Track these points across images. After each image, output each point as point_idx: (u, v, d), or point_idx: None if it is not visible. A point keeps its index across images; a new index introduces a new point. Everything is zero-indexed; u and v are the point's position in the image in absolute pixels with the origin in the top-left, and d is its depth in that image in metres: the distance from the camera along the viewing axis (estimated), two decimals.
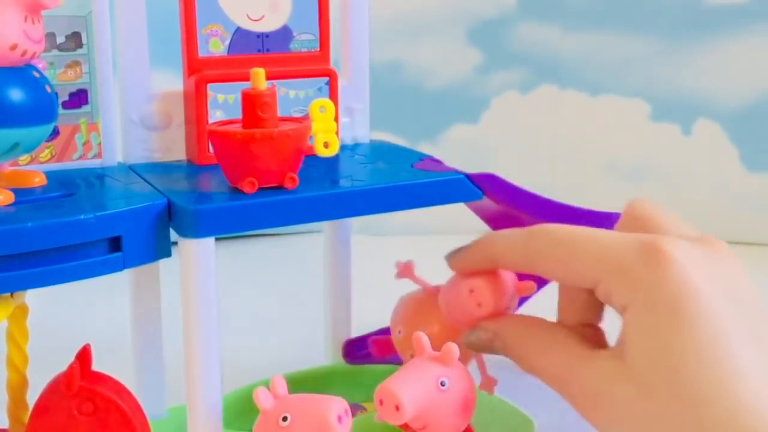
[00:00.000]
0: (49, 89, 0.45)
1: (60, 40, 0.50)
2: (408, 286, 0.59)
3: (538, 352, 0.44)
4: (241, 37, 0.55)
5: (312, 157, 0.49)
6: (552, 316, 0.49)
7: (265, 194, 0.46)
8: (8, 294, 0.44)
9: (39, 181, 0.47)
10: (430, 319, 0.52)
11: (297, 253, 0.99)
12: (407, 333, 0.50)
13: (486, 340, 0.47)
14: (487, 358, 0.58)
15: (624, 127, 1.03)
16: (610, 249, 0.42)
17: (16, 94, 0.42)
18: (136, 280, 0.54)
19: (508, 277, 0.49)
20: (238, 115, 0.48)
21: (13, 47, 0.42)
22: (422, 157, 0.56)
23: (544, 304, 0.57)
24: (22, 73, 0.43)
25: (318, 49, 0.57)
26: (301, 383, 0.58)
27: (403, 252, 1.03)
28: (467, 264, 0.49)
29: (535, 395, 0.49)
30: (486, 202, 0.53)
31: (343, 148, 0.58)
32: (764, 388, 0.37)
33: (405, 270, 0.55)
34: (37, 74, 0.44)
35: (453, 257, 0.49)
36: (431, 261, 0.97)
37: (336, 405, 0.42)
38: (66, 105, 0.51)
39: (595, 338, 0.46)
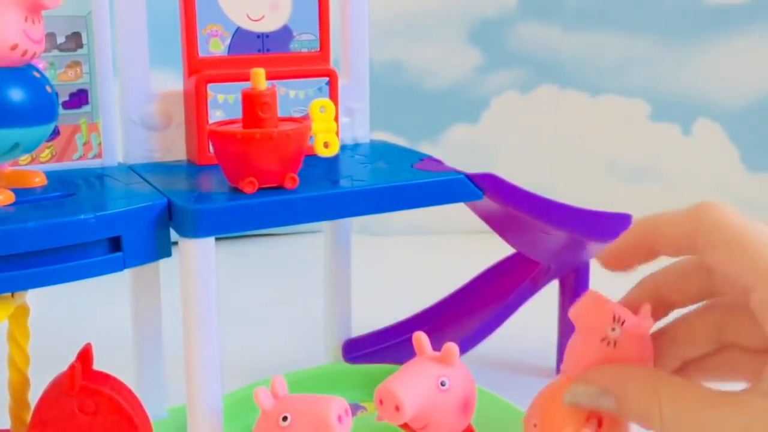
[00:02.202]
0: (49, 89, 0.45)
1: (60, 40, 0.50)
2: (408, 286, 0.59)
3: (665, 401, 0.38)
4: (241, 37, 0.55)
5: (312, 157, 0.49)
6: (552, 316, 0.48)
7: (265, 194, 0.46)
8: (9, 294, 0.44)
9: (39, 181, 0.47)
10: (565, 410, 0.48)
11: (297, 253, 0.99)
12: (543, 426, 0.48)
13: (593, 395, 0.41)
14: (482, 352, 0.58)
15: (624, 127, 1.03)
16: None
17: (16, 95, 0.43)
18: (136, 280, 0.54)
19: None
20: (238, 115, 0.48)
21: (14, 47, 0.42)
22: (422, 157, 0.56)
23: (545, 304, 0.57)
24: (23, 73, 0.43)
25: (318, 49, 0.57)
26: (301, 383, 0.58)
27: (403, 252, 1.03)
28: (622, 249, 0.43)
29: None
30: (486, 202, 0.53)
31: (343, 148, 0.58)
32: None
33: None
34: (37, 74, 0.44)
35: (604, 251, 0.43)
36: (431, 261, 0.98)
37: (336, 405, 0.42)
38: (66, 105, 0.51)
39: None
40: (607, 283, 0.73)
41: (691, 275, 0.42)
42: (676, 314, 0.43)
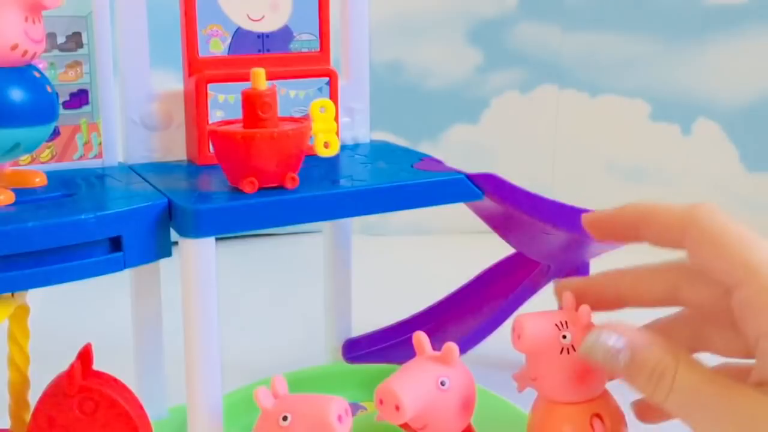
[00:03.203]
0: (49, 89, 0.45)
1: (61, 40, 0.50)
2: (408, 286, 0.59)
3: (681, 369, 0.38)
4: (241, 37, 0.55)
5: (312, 157, 0.49)
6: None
7: (265, 194, 0.46)
8: (9, 294, 0.44)
9: (39, 181, 0.47)
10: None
11: (297, 253, 0.99)
12: None
13: (609, 349, 0.40)
14: (482, 352, 0.58)
15: (624, 127, 1.03)
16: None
17: (16, 95, 0.43)
18: (136, 280, 0.54)
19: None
20: (239, 115, 0.48)
21: (14, 47, 0.42)
22: (422, 157, 0.56)
23: (545, 304, 0.57)
24: (23, 73, 0.43)
25: (318, 49, 0.57)
26: (301, 383, 0.58)
27: (403, 252, 1.03)
28: (609, 219, 0.43)
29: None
30: (486, 202, 0.53)
31: (343, 148, 0.58)
32: None
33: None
34: (37, 74, 0.44)
35: (590, 213, 0.44)
36: (431, 261, 0.98)
37: (336, 404, 0.42)
38: (67, 105, 0.51)
39: None
40: None
41: (656, 280, 0.43)
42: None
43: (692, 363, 0.38)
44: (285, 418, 0.42)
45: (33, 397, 0.47)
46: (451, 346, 0.45)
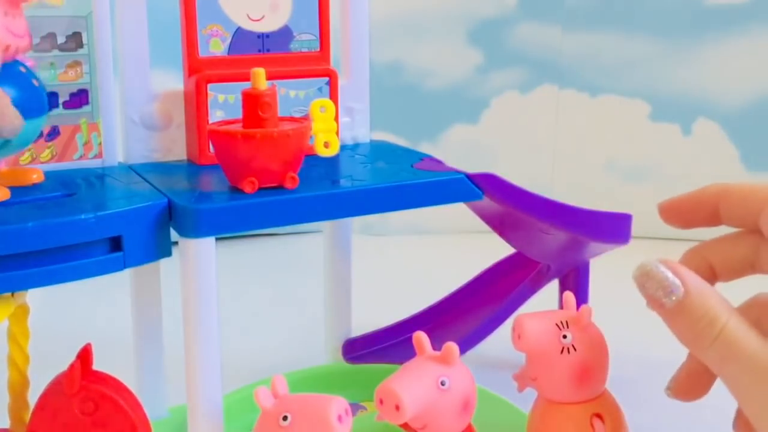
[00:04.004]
0: (36, 83, 0.44)
1: (61, 40, 0.50)
2: (408, 286, 0.59)
3: (732, 322, 0.37)
4: (241, 37, 0.55)
5: (312, 157, 0.49)
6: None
7: (266, 194, 0.46)
8: (9, 294, 0.44)
9: (36, 177, 0.47)
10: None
11: (297, 253, 0.99)
12: None
13: (664, 280, 0.38)
14: (482, 352, 0.58)
15: (624, 127, 1.03)
16: None
17: (7, 89, 0.42)
18: (136, 280, 0.54)
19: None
20: (239, 115, 0.48)
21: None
22: (422, 157, 0.56)
23: (545, 304, 0.57)
24: (7, 68, 0.43)
25: (318, 49, 0.57)
26: (301, 383, 0.58)
27: (403, 252, 1.03)
28: (687, 203, 0.42)
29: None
30: (486, 202, 0.53)
31: (343, 148, 0.58)
32: None
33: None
34: (23, 69, 0.44)
35: (666, 201, 0.43)
36: (431, 261, 0.98)
37: (336, 404, 0.42)
38: (67, 105, 0.51)
39: None
40: (607, 283, 0.73)
41: (737, 246, 0.41)
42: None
43: (742, 320, 0.37)
44: (285, 418, 0.42)
45: (33, 396, 0.47)
46: (451, 346, 0.45)
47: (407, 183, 0.50)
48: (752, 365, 0.36)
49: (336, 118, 0.48)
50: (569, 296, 0.48)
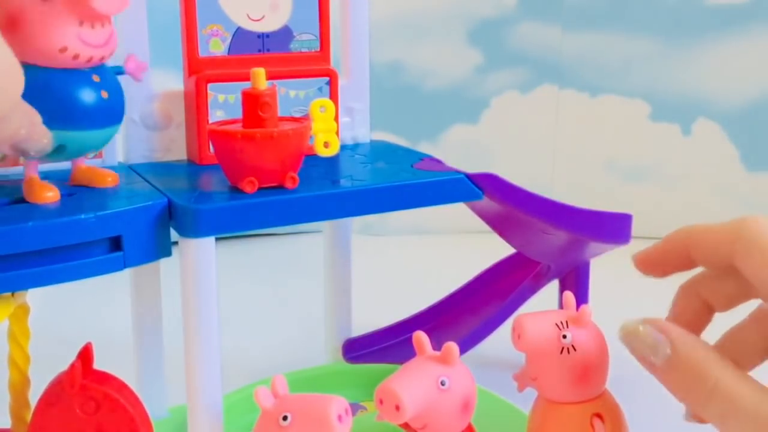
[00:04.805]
0: (105, 94, 0.45)
1: None
2: (408, 286, 0.59)
3: (732, 376, 0.36)
4: (241, 37, 0.55)
5: (312, 157, 0.49)
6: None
7: (266, 194, 0.46)
8: (9, 293, 0.44)
9: (111, 180, 0.48)
10: None
11: (297, 253, 0.99)
12: None
13: (650, 343, 0.38)
14: (482, 352, 0.57)
15: (624, 127, 1.03)
16: None
17: (61, 96, 0.43)
18: (136, 280, 0.54)
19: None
20: (239, 115, 0.48)
21: (63, 50, 0.42)
22: (422, 157, 0.56)
23: (545, 304, 0.57)
24: (76, 76, 0.44)
25: (318, 49, 0.57)
26: (301, 383, 0.58)
27: (403, 252, 1.03)
28: (658, 253, 0.42)
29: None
30: (486, 202, 0.53)
31: (343, 147, 0.58)
32: None
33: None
34: (96, 78, 0.44)
35: (639, 253, 0.43)
36: (431, 261, 0.98)
37: (336, 404, 0.42)
38: None
39: None
40: (608, 283, 0.73)
41: (728, 277, 0.41)
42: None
43: (735, 369, 0.37)
44: (285, 418, 0.42)
45: (33, 396, 0.47)
46: (451, 346, 0.45)
47: (407, 183, 0.50)
48: (753, 420, 0.35)
49: (336, 118, 0.48)
50: (569, 296, 0.48)
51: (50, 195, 0.44)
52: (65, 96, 0.43)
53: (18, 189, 0.46)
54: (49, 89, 0.43)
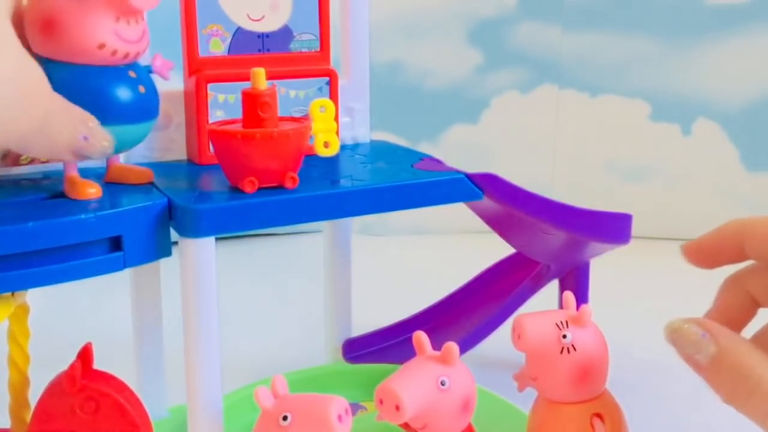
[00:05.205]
0: (142, 89, 0.45)
1: None
2: (408, 286, 0.59)
3: None
4: (241, 37, 0.55)
5: (312, 157, 0.49)
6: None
7: (266, 194, 0.46)
8: (9, 293, 0.44)
9: (147, 177, 0.48)
10: None
11: (297, 253, 0.99)
12: None
13: (697, 341, 0.38)
14: (482, 352, 0.57)
15: (624, 127, 1.03)
16: None
17: (99, 92, 0.43)
18: (136, 280, 0.54)
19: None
20: (239, 115, 0.48)
21: (101, 46, 0.43)
22: (422, 157, 0.56)
23: (545, 304, 0.57)
24: (115, 72, 0.44)
25: (318, 49, 0.57)
26: (301, 383, 0.58)
27: (403, 252, 1.03)
28: (710, 244, 0.42)
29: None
30: (486, 202, 0.53)
31: (343, 147, 0.58)
32: None
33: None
34: (133, 74, 0.45)
35: (690, 243, 0.42)
36: (431, 261, 0.98)
37: (336, 404, 0.42)
38: None
39: None
40: (608, 283, 0.73)
41: None
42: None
43: None
44: (285, 418, 0.42)
45: (33, 396, 0.47)
46: (451, 346, 0.45)
47: (407, 183, 0.50)
48: None
49: (336, 118, 0.48)
50: (569, 296, 0.48)
51: (92, 191, 0.45)
52: (106, 92, 0.44)
53: (54, 185, 0.46)
54: (89, 86, 0.43)
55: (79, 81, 0.43)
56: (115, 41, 0.43)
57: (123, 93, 0.44)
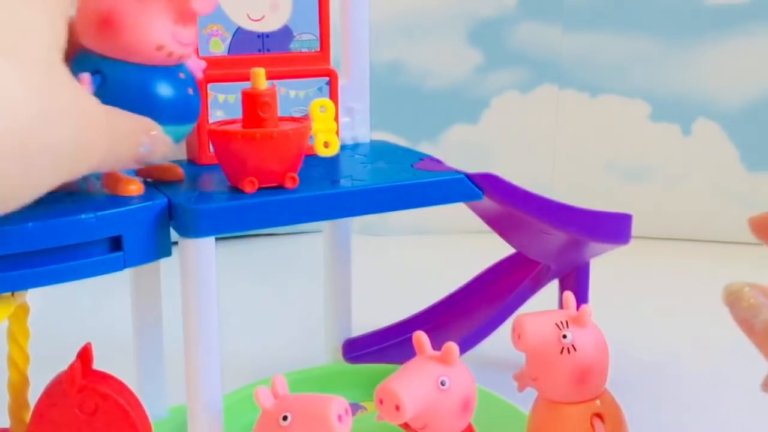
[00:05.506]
0: (191, 91, 0.46)
1: None
2: (408, 286, 0.59)
3: None
4: (241, 37, 0.55)
5: (312, 157, 0.49)
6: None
7: (266, 194, 0.46)
8: (9, 293, 0.44)
9: (182, 174, 0.49)
10: None
11: (297, 253, 0.99)
12: None
13: (757, 303, 0.37)
14: (482, 352, 0.57)
15: (624, 127, 1.03)
16: None
17: (155, 92, 0.44)
18: (136, 280, 0.54)
19: None
20: (239, 115, 0.48)
21: (159, 48, 0.43)
22: (422, 157, 0.56)
23: (545, 304, 0.57)
24: (167, 72, 0.44)
25: (318, 49, 0.57)
26: (301, 383, 0.58)
27: (403, 252, 1.03)
28: None
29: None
30: (486, 202, 0.53)
31: (343, 147, 0.58)
32: None
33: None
34: (183, 75, 0.45)
35: (756, 217, 0.42)
36: (431, 261, 0.98)
37: (336, 404, 0.42)
38: None
39: None
40: (608, 283, 0.73)
41: None
42: None
43: None
44: (285, 418, 0.42)
45: (33, 396, 0.47)
46: (451, 346, 0.45)
47: (407, 183, 0.50)
48: None
49: (336, 118, 0.48)
50: (569, 296, 0.48)
51: (134, 188, 0.45)
52: (164, 94, 0.44)
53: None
54: (147, 87, 0.44)
55: (136, 81, 0.43)
56: (172, 43, 0.44)
57: (178, 95, 0.45)
